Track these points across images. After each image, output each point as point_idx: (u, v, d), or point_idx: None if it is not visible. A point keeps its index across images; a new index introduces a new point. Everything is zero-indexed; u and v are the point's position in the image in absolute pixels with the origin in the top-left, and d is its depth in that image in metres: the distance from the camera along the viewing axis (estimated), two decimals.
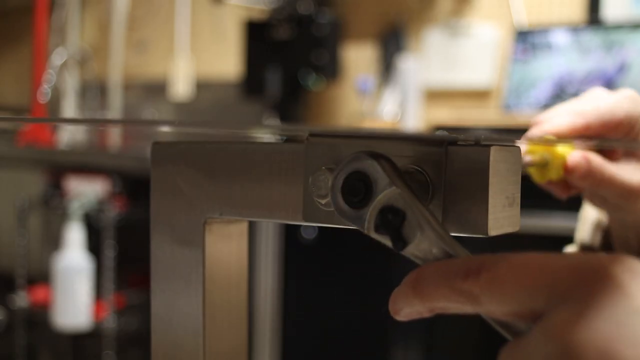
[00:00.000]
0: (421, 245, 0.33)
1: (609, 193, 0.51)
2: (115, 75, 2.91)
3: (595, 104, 0.49)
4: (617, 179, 0.49)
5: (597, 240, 0.58)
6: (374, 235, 0.34)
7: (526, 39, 2.04)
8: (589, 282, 0.28)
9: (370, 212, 0.33)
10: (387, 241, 0.33)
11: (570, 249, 0.59)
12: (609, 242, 0.57)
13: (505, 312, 0.30)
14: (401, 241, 0.33)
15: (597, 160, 0.49)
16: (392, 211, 0.33)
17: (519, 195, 0.38)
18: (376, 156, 0.34)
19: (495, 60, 2.18)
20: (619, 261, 0.29)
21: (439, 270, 0.31)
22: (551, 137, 0.49)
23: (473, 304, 0.30)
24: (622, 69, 1.87)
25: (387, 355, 1.80)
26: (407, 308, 0.33)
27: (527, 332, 0.29)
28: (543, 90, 1.96)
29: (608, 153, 0.52)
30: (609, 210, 0.54)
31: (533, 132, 0.49)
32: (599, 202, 0.54)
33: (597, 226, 0.58)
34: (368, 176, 0.33)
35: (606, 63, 1.89)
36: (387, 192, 0.33)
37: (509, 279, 0.29)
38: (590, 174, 0.49)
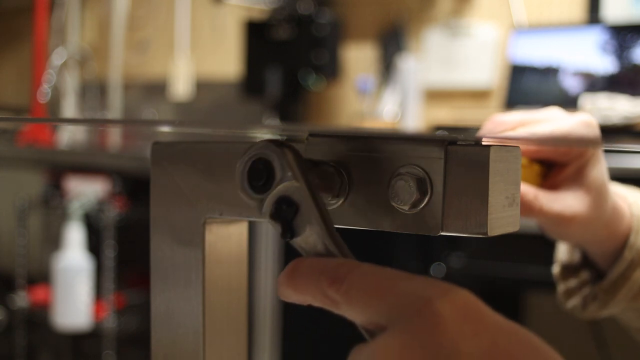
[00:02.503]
0: (309, 239, 0.34)
1: (542, 222, 0.53)
2: (115, 75, 2.91)
3: (552, 128, 0.50)
4: (546, 209, 0.51)
5: (577, 258, 0.59)
6: (268, 220, 0.35)
7: (526, 38, 2.04)
8: (417, 313, 0.29)
9: (268, 200, 0.35)
10: (278, 229, 0.35)
11: (555, 267, 0.60)
12: (588, 258, 0.58)
13: (359, 321, 0.32)
14: (290, 232, 0.35)
15: (530, 192, 0.50)
16: (287, 202, 0.34)
17: (519, 195, 0.38)
18: (283, 146, 0.35)
19: (495, 60, 2.18)
20: (454, 297, 0.30)
21: (312, 269, 0.33)
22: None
23: (335, 308, 0.33)
24: (621, 68, 1.87)
25: None
26: (284, 296, 0.35)
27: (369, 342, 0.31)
28: (543, 90, 1.96)
29: (552, 179, 0.53)
30: (555, 236, 0.56)
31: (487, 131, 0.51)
32: (545, 230, 0.55)
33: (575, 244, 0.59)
34: (271, 164, 0.35)
35: (606, 63, 1.89)
36: (286, 184, 0.34)
37: (362, 293, 0.31)
38: (522, 207, 0.50)
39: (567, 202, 0.51)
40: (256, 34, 2.33)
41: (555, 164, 0.52)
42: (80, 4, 3.06)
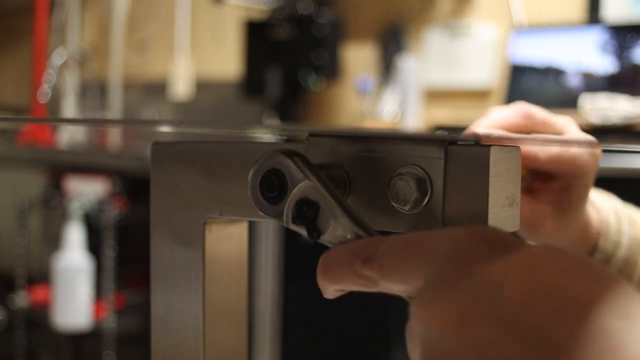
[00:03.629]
0: (336, 232, 0.34)
1: (541, 168, 0.52)
2: (115, 75, 2.92)
3: (492, 116, 0.51)
4: (539, 154, 0.51)
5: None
6: (292, 227, 0.35)
7: (526, 38, 2.04)
8: (463, 275, 0.28)
9: (287, 206, 0.35)
10: (303, 232, 0.35)
11: None
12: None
13: (403, 292, 0.31)
14: (316, 231, 0.35)
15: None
16: (306, 203, 0.35)
17: (519, 195, 0.38)
18: (290, 153, 0.35)
19: (495, 60, 2.18)
20: (485, 231, 0.30)
21: (342, 256, 0.33)
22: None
23: (374, 286, 0.32)
24: (621, 68, 1.87)
25: (387, 355, 1.80)
26: (326, 289, 0.35)
27: None
28: (543, 90, 1.96)
29: (533, 184, 0.53)
30: (524, 236, 0.56)
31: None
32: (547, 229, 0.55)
33: None
34: (282, 172, 0.35)
35: (606, 63, 1.89)
36: (300, 186, 0.35)
37: (395, 264, 0.31)
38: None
39: (541, 207, 0.52)
40: (256, 34, 2.33)
41: (543, 173, 0.53)
42: (80, 4, 3.06)
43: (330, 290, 0.34)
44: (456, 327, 0.26)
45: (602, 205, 0.57)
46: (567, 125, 0.53)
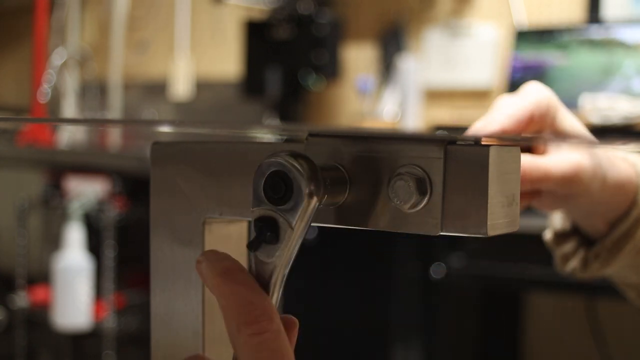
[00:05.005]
0: (270, 259, 0.37)
1: (549, 186, 0.51)
2: (115, 75, 2.92)
3: (504, 109, 0.50)
4: (552, 170, 0.50)
5: (568, 225, 0.60)
6: (252, 222, 0.37)
7: (526, 38, 2.04)
8: None
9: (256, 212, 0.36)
10: (253, 236, 0.37)
11: (547, 234, 0.61)
12: (578, 227, 0.59)
13: None
14: (256, 246, 0.36)
15: (525, 159, 0.49)
16: (271, 228, 0.36)
17: (519, 195, 0.38)
18: (294, 155, 0.35)
19: (495, 60, 2.18)
20: None
21: (242, 293, 0.36)
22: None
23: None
24: (620, 68, 1.87)
25: (387, 355, 1.80)
26: (205, 275, 0.37)
27: None
28: None
29: (535, 146, 0.53)
30: (561, 205, 0.55)
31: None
32: (549, 202, 0.54)
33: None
34: (287, 174, 0.35)
35: (606, 63, 1.89)
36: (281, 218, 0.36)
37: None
38: (525, 176, 0.49)
39: (564, 159, 0.51)
40: (256, 34, 2.33)
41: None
42: (80, 4, 3.06)
43: (209, 282, 0.37)
44: None
45: (635, 162, 0.56)
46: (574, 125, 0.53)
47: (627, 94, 1.80)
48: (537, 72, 1.99)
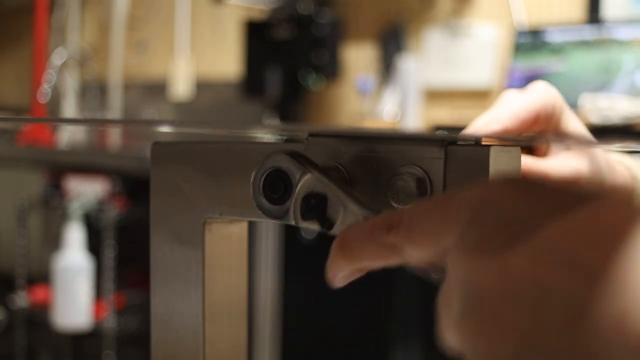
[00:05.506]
0: (347, 220, 0.34)
1: None
2: (115, 75, 2.91)
3: (509, 107, 0.49)
4: (551, 174, 0.50)
5: None
6: (303, 224, 0.35)
7: (526, 38, 2.04)
8: (483, 204, 0.27)
9: (294, 203, 0.35)
10: (315, 226, 0.35)
11: None
12: None
13: (431, 255, 0.29)
14: (327, 222, 0.35)
15: (525, 160, 0.49)
16: (314, 196, 0.35)
17: None
18: (290, 153, 0.35)
19: (495, 60, 2.18)
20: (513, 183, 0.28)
21: (363, 230, 0.32)
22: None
23: (399, 256, 0.30)
24: (620, 68, 1.87)
25: (387, 355, 1.80)
26: (339, 273, 0.33)
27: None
28: None
29: (536, 147, 0.52)
30: None
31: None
32: None
33: None
34: (285, 172, 0.35)
35: (606, 63, 1.89)
36: (305, 181, 0.35)
37: (422, 220, 0.29)
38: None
39: (565, 163, 0.51)
40: (256, 34, 2.33)
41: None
42: (80, 4, 3.06)
43: (347, 270, 0.33)
44: (529, 272, 0.24)
45: (630, 165, 0.56)
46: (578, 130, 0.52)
47: (629, 93, 1.80)
48: (536, 72, 1.99)
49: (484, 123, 0.49)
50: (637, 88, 1.81)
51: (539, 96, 0.50)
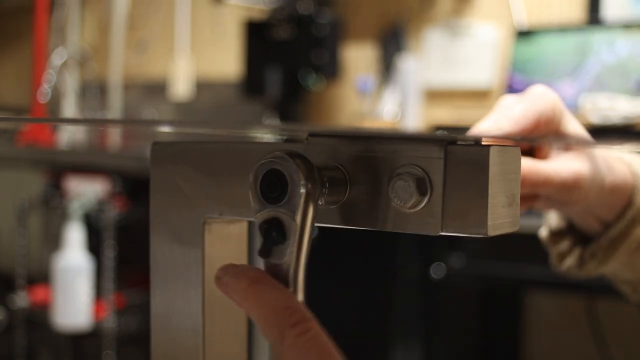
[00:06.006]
0: (284, 259, 0.36)
1: (548, 191, 0.51)
2: (115, 75, 2.92)
3: (509, 114, 0.49)
4: (552, 176, 0.50)
5: (563, 223, 0.60)
6: (257, 226, 0.37)
7: (526, 38, 2.04)
8: None
9: (261, 215, 0.36)
10: (260, 243, 0.37)
11: (543, 231, 0.61)
12: (573, 225, 0.59)
13: None
14: (267, 252, 0.37)
15: (527, 163, 0.49)
16: (277, 228, 0.36)
17: (519, 195, 0.38)
18: (291, 155, 0.35)
19: (495, 60, 2.18)
20: None
21: (275, 302, 0.35)
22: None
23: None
24: (620, 68, 1.87)
25: (387, 355, 1.80)
26: (226, 286, 0.37)
27: None
28: None
29: (537, 149, 0.52)
30: (557, 208, 0.55)
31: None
32: (545, 204, 0.54)
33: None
34: (283, 173, 0.35)
35: (606, 63, 1.89)
36: (281, 213, 0.36)
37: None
38: (525, 180, 0.49)
39: (565, 165, 0.51)
40: (256, 34, 2.33)
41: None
42: (80, 4, 3.06)
43: (231, 292, 0.37)
44: None
45: (631, 161, 0.56)
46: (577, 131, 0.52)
47: (629, 93, 1.80)
48: (537, 72, 1.99)
49: (484, 130, 0.49)
50: (637, 88, 1.81)
51: (539, 102, 0.50)
